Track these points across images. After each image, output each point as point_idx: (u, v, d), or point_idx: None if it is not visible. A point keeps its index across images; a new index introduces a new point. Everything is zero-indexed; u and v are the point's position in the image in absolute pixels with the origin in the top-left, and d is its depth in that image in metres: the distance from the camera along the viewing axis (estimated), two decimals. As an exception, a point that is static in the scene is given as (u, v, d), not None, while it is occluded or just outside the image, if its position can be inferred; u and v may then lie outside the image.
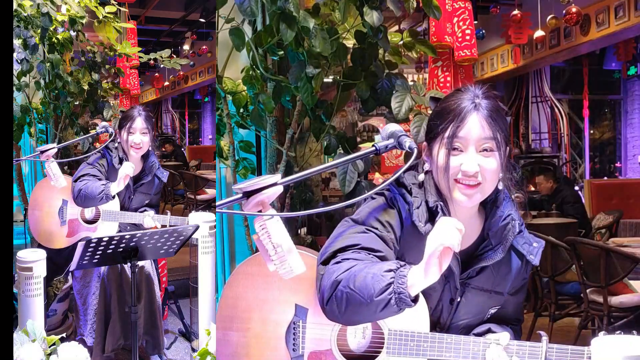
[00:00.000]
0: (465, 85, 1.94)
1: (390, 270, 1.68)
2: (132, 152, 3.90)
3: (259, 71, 2.88)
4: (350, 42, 3.01)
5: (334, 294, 1.73)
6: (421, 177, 1.94)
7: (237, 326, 2.01)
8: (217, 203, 1.54)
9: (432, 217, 1.89)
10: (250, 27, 3.10)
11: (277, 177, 1.57)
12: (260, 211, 1.56)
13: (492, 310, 2.03)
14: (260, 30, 2.91)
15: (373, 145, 1.79)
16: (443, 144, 1.85)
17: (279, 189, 1.57)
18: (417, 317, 1.92)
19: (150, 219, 3.88)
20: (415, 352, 1.90)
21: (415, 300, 1.68)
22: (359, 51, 2.92)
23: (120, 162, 3.88)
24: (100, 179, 3.83)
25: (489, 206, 1.98)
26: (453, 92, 1.96)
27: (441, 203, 1.89)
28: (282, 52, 2.89)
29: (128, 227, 4.15)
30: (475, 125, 1.83)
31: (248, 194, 1.55)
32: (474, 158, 1.83)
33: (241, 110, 3.17)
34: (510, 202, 1.97)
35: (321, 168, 1.69)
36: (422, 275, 1.64)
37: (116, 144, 3.93)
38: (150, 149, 4.02)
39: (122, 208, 3.99)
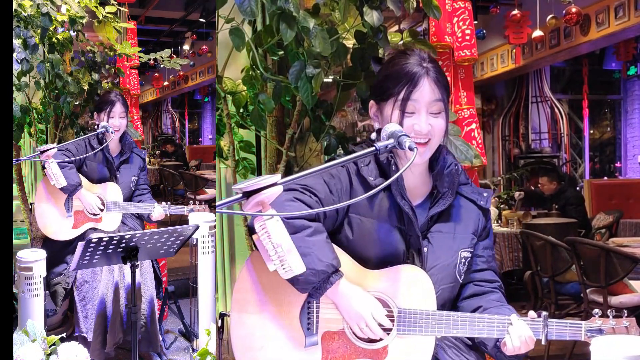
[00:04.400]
0: (409, 48, 2.15)
1: (324, 273, 1.85)
2: (108, 135, 4.19)
3: (258, 71, 2.88)
4: (350, 42, 3.01)
5: None
6: (373, 135, 2.13)
7: (253, 308, 2.02)
8: (217, 203, 1.54)
9: (382, 171, 2.09)
10: (250, 27, 3.09)
11: (277, 177, 1.57)
12: (260, 211, 1.56)
13: (465, 254, 2.15)
14: (260, 30, 2.90)
15: (373, 145, 1.81)
16: (397, 106, 2.04)
17: (279, 189, 1.58)
18: (425, 296, 2.01)
19: (159, 209, 4.17)
20: (424, 330, 1.99)
21: None
22: (359, 51, 2.92)
23: (99, 142, 4.18)
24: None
25: (434, 162, 2.16)
26: (398, 54, 2.14)
27: (391, 156, 2.07)
28: (282, 52, 2.89)
29: (128, 219, 4.33)
30: (426, 88, 2.02)
31: (248, 194, 1.55)
32: (426, 119, 2.02)
33: (241, 110, 3.17)
34: (450, 155, 2.19)
35: (321, 168, 1.70)
36: (341, 300, 1.93)
37: (95, 126, 4.24)
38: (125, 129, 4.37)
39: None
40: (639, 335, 1.98)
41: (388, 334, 1.99)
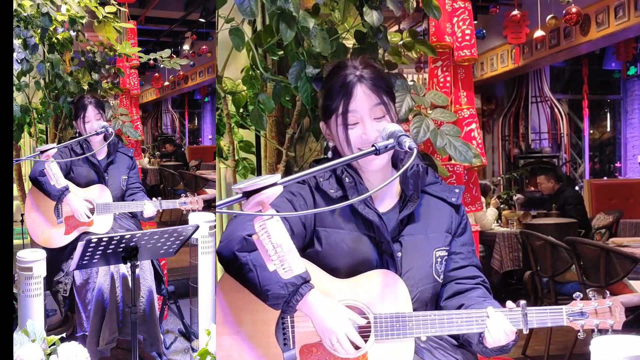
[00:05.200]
0: (342, 61, 2.12)
1: (293, 285, 1.84)
2: (92, 138, 4.13)
3: (258, 71, 2.88)
4: (350, 42, 3.01)
5: (239, 254, 1.87)
6: (330, 154, 2.16)
7: (229, 330, 2.00)
8: (217, 203, 1.54)
9: (342, 184, 2.08)
10: (250, 27, 3.09)
11: (276, 177, 1.57)
12: (260, 211, 1.56)
13: (440, 253, 2.13)
14: (260, 30, 2.90)
15: (373, 145, 1.80)
16: (339, 121, 2.03)
17: (279, 189, 1.57)
18: (400, 299, 1.99)
19: (150, 205, 4.08)
20: (402, 333, 1.97)
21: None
22: (358, 51, 2.91)
23: (81, 147, 4.13)
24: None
25: (399, 165, 2.15)
26: (332, 69, 2.12)
27: (348, 170, 2.07)
28: (281, 52, 2.89)
29: (122, 219, 4.23)
30: (361, 96, 2.01)
31: (248, 194, 1.55)
32: (371, 126, 2.01)
33: (241, 110, 3.17)
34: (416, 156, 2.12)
35: (321, 168, 1.69)
36: (312, 313, 1.88)
37: (76, 134, 4.18)
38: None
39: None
40: (623, 314, 1.97)
41: (366, 340, 1.96)
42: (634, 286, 4.95)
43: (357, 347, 1.95)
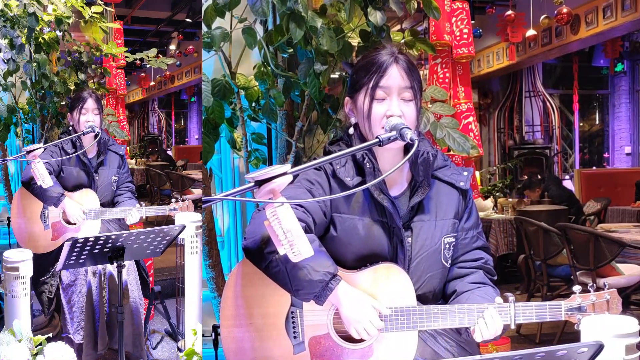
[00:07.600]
0: (380, 45, 2.09)
1: (322, 282, 1.80)
2: (83, 135, 3.71)
3: (270, 68, 2.87)
4: (355, 41, 2.99)
5: (269, 255, 1.80)
6: (351, 130, 2.05)
7: (240, 322, 1.96)
8: (230, 191, 1.53)
9: (360, 169, 2.00)
10: (262, 27, 3.08)
11: (286, 167, 1.55)
12: (271, 199, 1.55)
13: (448, 239, 2.05)
14: (271, 29, 2.89)
15: (377, 137, 1.79)
16: (367, 93, 1.95)
17: (289, 178, 1.56)
18: (404, 292, 1.94)
19: (136, 214, 3.72)
20: (406, 326, 1.91)
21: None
22: (363, 49, 2.90)
23: (74, 146, 3.73)
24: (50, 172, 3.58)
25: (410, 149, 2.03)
26: (371, 50, 2.06)
27: (367, 154, 1.98)
28: (291, 50, 2.87)
29: (110, 223, 3.92)
30: (396, 75, 1.94)
31: (260, 183, 1.54)
32: (397, 106, 1.93)
33: (253, 104, 3.16)
34: (424, 141, 2.07)
35: (327, 158, 1.68)
36: (340, 304, 1.85)
37: (69, 127, 3.81)
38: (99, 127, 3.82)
39: (90, 187, 3.81)
40: (620, 306, 1.92)
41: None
42: (621, 269, 4.95)
43: (361, 340, 1.92)
